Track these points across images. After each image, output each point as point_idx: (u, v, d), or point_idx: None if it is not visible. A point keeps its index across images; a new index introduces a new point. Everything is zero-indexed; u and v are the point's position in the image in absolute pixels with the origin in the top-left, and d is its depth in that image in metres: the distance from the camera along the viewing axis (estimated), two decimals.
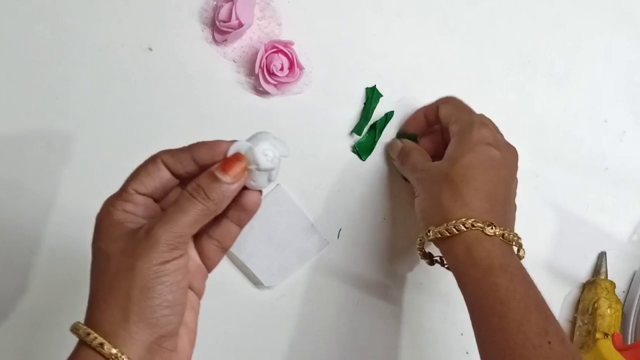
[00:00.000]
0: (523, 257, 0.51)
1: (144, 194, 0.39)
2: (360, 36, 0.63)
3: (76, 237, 0.57)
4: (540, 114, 0.65)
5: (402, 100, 0.63)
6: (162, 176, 0.40)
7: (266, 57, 0.59)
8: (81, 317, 0.38)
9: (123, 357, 0.35)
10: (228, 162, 0.39)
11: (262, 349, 0.61)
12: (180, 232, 0.37)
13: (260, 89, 0.60)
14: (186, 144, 0.41)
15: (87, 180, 0.58)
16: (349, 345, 0.61)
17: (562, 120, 0.66)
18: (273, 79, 0.59)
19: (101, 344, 0.36)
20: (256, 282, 0.60)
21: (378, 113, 0.62)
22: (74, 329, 0.37)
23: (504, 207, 0.51)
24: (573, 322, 0.65)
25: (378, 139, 0.62)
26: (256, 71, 0.59)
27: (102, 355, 0.36)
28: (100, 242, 0.38)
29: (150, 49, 0.60)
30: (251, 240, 0.59)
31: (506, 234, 0.48)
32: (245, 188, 0.40)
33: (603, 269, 0.65)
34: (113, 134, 0.59)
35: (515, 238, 0.50)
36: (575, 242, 0.66)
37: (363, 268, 0.62)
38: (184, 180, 0.40)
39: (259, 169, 0.39)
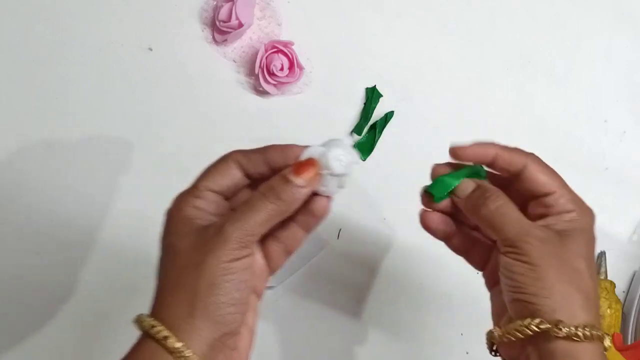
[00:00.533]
0: None
1: (215, 192, 0.39)
2: (360, 36, 0.63)
3: (77, 233, 0.57)
4: (540, 114, 0.65)
5: (402, 100, 0.63)
6: (234, 175, 0.40)
7: (266, 57, 0.59)
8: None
9: (188, 351, 0.35)
10: (301, 165, 0.39)
11: (262, 348, 0.61)
12: (250, 230, 0.37)
13: (260, 89, 0.60)
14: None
15: (86, 179, 0.58)
16: (349, 344, 0.61)
17: (562, 120, 0.66)
18: (273, 79, 0.59)
19: (165, 337, 0.35)
20: None
21: (378, 113, 0.62)
22: (138, 321, 0.36)
23: None
24: None
25: (378, 139, 0.62)
26: (256, 71, 0.59)
27: (166, 348, 0.35)
28: (170, 236, 0.38)
29: (150, 49, 0.60)
30: None
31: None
32: (315, 193, 0.40)
33: (603, 269, 0.65)
34: (113, 133, 0.59)
35: None
36: None
37: (363, 268, 0.62)
38: (254, 182, 0.40)
39: (331, 174, 0.39)
